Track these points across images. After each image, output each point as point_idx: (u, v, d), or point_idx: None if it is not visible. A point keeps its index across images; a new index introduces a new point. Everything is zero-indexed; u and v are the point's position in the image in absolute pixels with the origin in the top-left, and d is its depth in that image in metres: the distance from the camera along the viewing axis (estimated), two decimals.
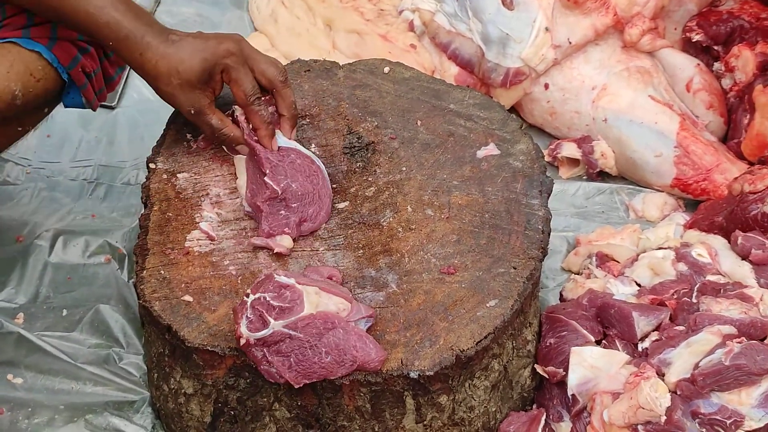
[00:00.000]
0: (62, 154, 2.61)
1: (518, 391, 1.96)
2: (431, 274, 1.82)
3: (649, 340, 1.96)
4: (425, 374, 1.69)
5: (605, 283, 2.16)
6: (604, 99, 2.61)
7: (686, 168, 2.51)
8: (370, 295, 1.79)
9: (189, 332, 1.74)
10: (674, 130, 2.53)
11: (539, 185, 1.98)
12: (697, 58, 2.73)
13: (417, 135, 2.08)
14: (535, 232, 1.90)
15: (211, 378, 1.77)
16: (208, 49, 1.89)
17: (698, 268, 2.13)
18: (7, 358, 2.08)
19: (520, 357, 1.92)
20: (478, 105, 2.15)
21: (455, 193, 1.96)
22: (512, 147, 2.05)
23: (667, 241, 2.27)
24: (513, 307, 1.78)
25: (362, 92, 2.17)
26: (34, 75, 1.96)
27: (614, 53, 2.66)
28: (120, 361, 2.11)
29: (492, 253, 1.86)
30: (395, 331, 1.74)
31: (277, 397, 1.75)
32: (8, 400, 2.02)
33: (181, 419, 1.89)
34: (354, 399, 1.72)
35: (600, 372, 1.91)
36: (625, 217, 2.53)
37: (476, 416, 1.85)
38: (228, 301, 1.78)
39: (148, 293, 1.80)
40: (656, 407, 1.77)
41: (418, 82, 2.21)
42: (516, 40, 2.60)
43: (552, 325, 2.02)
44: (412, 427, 1.78)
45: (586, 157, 2.59)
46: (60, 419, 1.99)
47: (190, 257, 1.85)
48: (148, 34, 1.86)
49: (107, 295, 2.23)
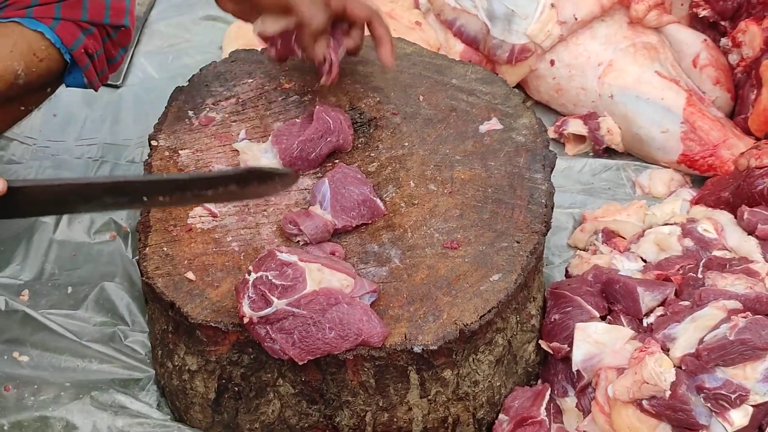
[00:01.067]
0: (67, 133, 2.62)
1: (522, 366, 1.96)
2: (434, 249, 1.82)
3: (654, 315, 1.95)
4: (429, 349, 1.69)
5: (611, 259, 2.15)
6: (610, 75, 2.60)
7: (693, 144, 2.50)
8: (373, 271, 1.79)
9: (192, 309, 1.74)
10: (681, 105, 2.51)
11: (542, 159, 1.97)
12: (703, 33, 2.71)
13: (419, 110, 2.07)
14: (538, 206, 1.89)
15: (214, 354, 1.77)
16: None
17: (704, 243, 2.12)
18: (13, 336, 2.09)
19: (524, 332, 1.92)
20: (480, 80, 2.14)
21: (458, 167, 1.96)
22: (515, 121, 2.05)
23: (673, 216, 2.26)
24: (516, 281, 1.78)
25: (364, 68, 2.16)
26: (37, 55, 1.96)
27: (620, 29, 2.64)
28: (125, 339, 2.11)
29: (495, 227, 1.86)
30: (399, 306, 1.73)
31: (281, 373, 1.75)
32: (14, 378, 2.03)
33: (186, 396, 1.89)
34: (358, 374, 1.72)
35: (605, 347, 1.90)
36: (632, 194, 2.52)
37: (480, 391, 1.85)
38: (231, 277, 1.78)
39: (151, 270, 1.80)
40: (661, 382, 1.76)
41: (420, 57, 2.20)
42: (521, 16, 2.58)
43: (557, 300, 2.01)
44: (417, 401, 1.78)
45: (593, 134, 2.58)
46: (66, 396, 2.00)
47: (193, 234, 1.85)
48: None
49: (112, 272, 2.23)
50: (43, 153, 2.56)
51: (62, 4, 1.97)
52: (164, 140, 2.01)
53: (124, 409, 1.98)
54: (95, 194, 1.64)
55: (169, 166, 1.96)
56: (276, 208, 1.89)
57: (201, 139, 2.01)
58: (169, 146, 2.00)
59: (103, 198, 1.65)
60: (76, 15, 1.98)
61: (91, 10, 1.99)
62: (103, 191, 1.65)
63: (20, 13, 1.95)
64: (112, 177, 1.72)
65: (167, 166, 1.96)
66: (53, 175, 2.47)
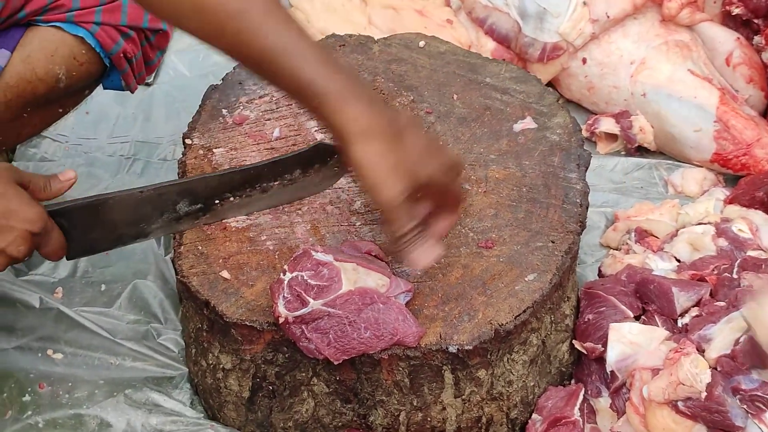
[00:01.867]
0: (99, 131, 2.63)
1: (556, 365, 1.95)
2: (469, 248, 1.82)
3: (689, 315, 1.94)
4: (464, 348, 1.69)
5: (644, 259, 2.15)
6: (642, 73, 2.59)
7: (726, 143, 2.48)
8: (408, 270, 1.78)
9: (227, 307, 1.74)
10: (714, 104, 2.50)
11: (577, 158, 1.97)
12: (736, 31, 2.69)
13: (453, 109, 2.07)
14: (573, 205, 1.89)
15: (249, 353, 1.77)
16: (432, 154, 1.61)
17: (739, 243, 2.11)
18: (47, 333, 2.10)
19: (558, 331, 1.91)
20: (514, 78, 2.13)
21: (492, 167, 1.95)
22: (549, 120, 2.04)
23: (706, 216, 2.25)
24: (552, 281, 1.77)
25: (398, 66, 2.16)
26: (78, 59, 1.98)
27: (653, 27, 2.63)
28: (158, 337, 2.12)
29: (530, 227, 1.85)
30: (434, 306, 1.73)
31: (315, 372, 1.75)
32: (49, 375, 2.03)
33: (220, 394, 1.89)
34: (393, 374, 1.72)
35: (639, 348, 1.89)
36: (664, 193, 2.51)
37: (514, 391, 1.84)
38: (265, 276, 1.78)
39: (186, 269, 1.80)
40: (696, 383, 1.75)
41: (454, 55, 2.19)
42: (553, 14, 2.57)
43: (590, 300, 2.00)
44: (451, 401, 1.78)
45: (625, 132, 2.57)
46: (100, 394, 2.00)
47: (227, 232, 1.85)
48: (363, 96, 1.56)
49: (145, 270, 2.24)
50: (75, 151, 2.57)
51: (102, 9, 1.98)
52: (198, 139, 2.01)
53: (158, 407, 1.99)
54: (170, 200, 1.68)
55: (203, 164, 1.96)
56: (310, 206, 1.89)
57: (235, 138, 2.01)
58: (203, 145, 2.00)
59: (177, 205, 1.70)
60: (116, 19, 2.00)
61: (130, 14, 2.01)
62: (178, 195, 1.69)
63: (61, 18, 1.97)
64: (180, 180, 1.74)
65: (201, 165, 1.96)
66: (86, 173, 2.48)
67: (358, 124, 1.52)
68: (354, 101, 1.53)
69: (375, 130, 1.53)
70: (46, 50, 1.94)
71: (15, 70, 1.94)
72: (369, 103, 1.54)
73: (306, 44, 1.54)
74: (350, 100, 1.53)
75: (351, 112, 1.52)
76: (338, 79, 1.53)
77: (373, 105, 1.55)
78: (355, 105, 1.52)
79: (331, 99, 1.52)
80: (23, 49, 1.95)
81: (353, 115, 1.52)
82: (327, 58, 1.55)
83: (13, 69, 1.94)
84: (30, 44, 1.95)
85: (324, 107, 1.53)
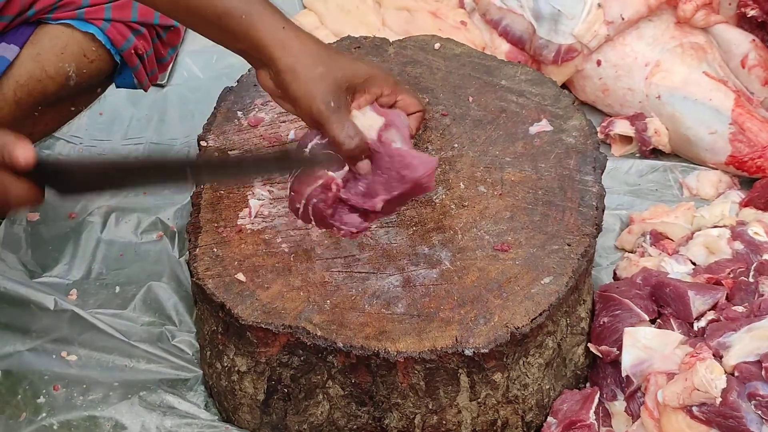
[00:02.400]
0: (113, 132, 2.63)
1: (572, 368, 1.95)
2: (485, 251, 1.81)
3: (705, 319, 1.94)
4: (480, 352, 1.68)
5: (659, 262, 2.14)
6: (657, 75, 2.58)
7: (741, 145, 2.47)
8: (423, 273, 1.78)
9: (242, 310, 1.74)
10: (729, 106, 2.49)
11: (593, 161, 1.96)
12: (752, 33, 2.68)
13: (469, 111, 2.06)
14: (589, 208, 1.88)
15: (264, 356, 1.77)
16: (363, 62, 1.77)
17: (754, 246, 2.10)
18: (61, 335, 2.10)
19: (574, 334, 1.91)
20: (529, 81, 2.13)
21: (508, 169, 1.95)
22: (565, 123, 2.03)
23: (722, 219, 2.24)
24: (568, 284, 1.77)
25: (413, 68, 2.16)
26: (88, 56, 1.98)
27: (668, 29, 2.62)
28: (173, 339, 2.12)
29: (546, 229, 1.85)
30: (449, 309, 1.73)
31: (330, 375, 1.75)
32: (63, 377, 2.04)
33: (234, 397, 1.89)
34: (408, 376, 1.72)
35: (654, 352, 1.89)
36: (679, 195, 2.50)
37: (530, 394, 1.84)
38: (281, 278, 1.78)
39: (201, 271, 1.80)
40: (711, 389, 1.74)
41: (469, 58, 2.19)
42: (568, 16, 2.57)
43: (605, 303, 2.00)
44: (466, 404, 1.78)
45: (640, 135, 2.56)
46: (114, 396, 2.01)
47: (243, 235, 1.85)
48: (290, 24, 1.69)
49: (159, 272, 2.24)
50: (89, 152, 2.57)
51: (112, 6, 1.98)
52: (213, 140, 2.01)
53: (173, 410, 1.99)
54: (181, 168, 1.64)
55: None
56: None
57: (250, 140, 2.01)
58: (218, 147, 2.00)
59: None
60: (126, 16, 1.99)
61: (140, 10, 2.00)
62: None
63: (71, 15, 1.96)
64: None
65: None
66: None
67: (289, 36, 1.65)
68: (282, 17, 1.66)
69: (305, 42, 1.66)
70: (55, 48, 1.94)
71: (25, 68, 1.94)
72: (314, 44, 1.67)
73: (262, 7, 1.65)
74: (279, 16, 1.66)
75: (280, 24, 1.65)
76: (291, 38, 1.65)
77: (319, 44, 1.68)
78: (284, 20, 1.66)
79: (260, 12, 1.65)
80: (33, 47, 1.95)
81: (284, 26, 1.65)
82: (285, 22, 1.66)
83: (23, 67, 1.94)
84: (40, 42, 1.95)
85: (251, 20, 1.64)
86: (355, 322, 1.71)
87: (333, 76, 1.64)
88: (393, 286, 1.76)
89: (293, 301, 1.74)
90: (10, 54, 1.93)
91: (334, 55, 1.69)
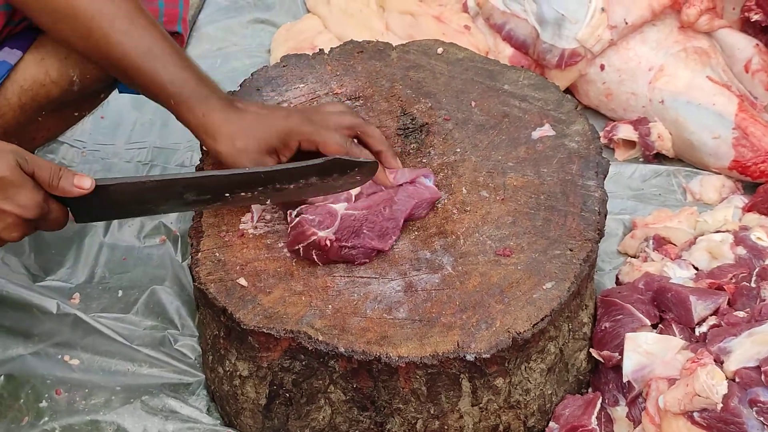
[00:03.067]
0: (117, 137, 2.64)
1: (574, 374, 1.94)
2: (487, 256, 1.81)
3: (707, 324, 1.93)
4: (482, 357, 1.68)
5: (662, 267, 2.14)
6: (661, 80, 2.58)
7: (745, 150, 2.47)
8: (425, 278, 1.78)
9: (244, 314, 1.74)
10: (732, 111, 2.49)
11: (595, 166, 1.96)
12: (755, 38, 2.68)
13: (471, 116, 2.06)
14: (591, 213, 1.88)
15: (266, 360, 1.77)
16: (277, 119, 1.85)
17: (757, 251, 2.09)
18: (64, 339, 2.10)
19: (576, 339, 1.91)
20: (532, 86, 2.13)
21: (510, 174, 1.95)
22: (567, 128, 2.03)
23: (725, 224, 2.24)
24: (570, 290, 1.77)
25: (416, 73, 2.16)
26: None
27: (671, 33, 2.62)
28: (175, 343, 2.12)
29: (548, 234, 1.85)
30: (451, 314, 1.72)
31: (332, 380, 1.75)
32: (65, 381, 2.04)
33: (236, 401, 1.89)
34: (410, 381, 1.72)
35: (655, 358, 1.88)
36: (682, 200, 2.50)
37: (532, 399, 1.84)
38: (283, 283, 1.78)
39: (203, 276, 1.80)
40: (713, 395, 1.74)
41: (472, 62, 2.19)
42: (571, 20, 2.57)
43: (607, 308, 1.99)
44: (468, 409, 1.77)
45: (643, 139, 2.56)
46: (117, 400, 2.01)
47: (245, 239, 1.85)
48: (212, 97, 1.82)
49: (162, 276, 2.25)
50: (92, 156, 2.57)
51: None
52: None
53: (175, 414, 1.99)
54: (177, 191, 1.71)
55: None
56: None
57: None
58: None
59: (184, 195, 1.72)
60: None
61: None
62: (185, 188, 1.71)
63: None
64: (192, 173, 1.77)
65: None
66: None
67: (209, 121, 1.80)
68: (204, 101, 1.79)
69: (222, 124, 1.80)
70: (59, 53, 1.94)
71: (29, 72, 1.94)
72: (218, 101, 1.81)
73: (165, 49, 1.79)
74: (201, 101, 1.79)
75: (200, 111, 1.79)
76: (191, 82, 1.79)
77: (222, 102, 1.81)
78: (205, 105, 1.79)
79: (184, 99, 1.79)
80: (37, 52, 1.94)
81: (203, 113, 1.80)
82: (184, 62, 1.81)
83: (27, 72, 1.94)
84: (43, 47, 1.95)
85: (179, 107, 1.80)
86: (357, 327, 1.71)
87: (253, 146, 1.80)
88: (395, 291, 1.76)
89: (295, 306, 1.74)
90: (14, 59, 1.93)
91: (252, 124, 1.82)
